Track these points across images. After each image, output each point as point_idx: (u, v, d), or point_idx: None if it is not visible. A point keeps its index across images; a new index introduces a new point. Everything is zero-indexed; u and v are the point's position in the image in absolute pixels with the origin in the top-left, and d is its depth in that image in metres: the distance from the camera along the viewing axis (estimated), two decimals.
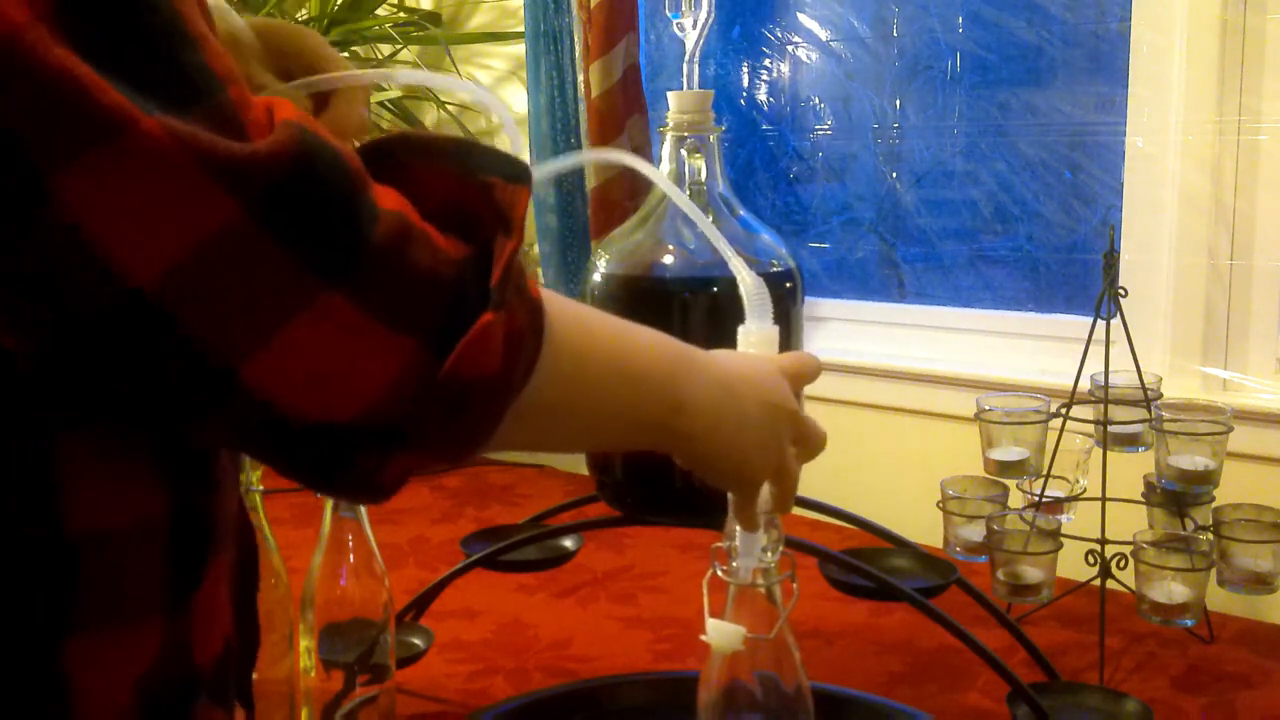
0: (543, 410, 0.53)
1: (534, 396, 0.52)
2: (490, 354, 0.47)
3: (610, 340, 0.58)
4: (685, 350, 0.62)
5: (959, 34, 1.76)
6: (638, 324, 0.61)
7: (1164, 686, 1.20)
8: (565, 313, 0.54)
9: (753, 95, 1.96)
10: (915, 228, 1.81)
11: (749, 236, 1.10)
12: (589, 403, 0.57)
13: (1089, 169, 1.65)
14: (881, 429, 1.75)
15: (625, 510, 1.13)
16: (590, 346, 0.56)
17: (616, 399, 0.59)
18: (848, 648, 1.29)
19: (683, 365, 0.61)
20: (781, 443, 0.67)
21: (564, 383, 0.54)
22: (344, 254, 0.44)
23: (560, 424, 0.57)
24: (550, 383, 0.52)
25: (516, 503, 1.84)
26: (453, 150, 0.51)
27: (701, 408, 0.61)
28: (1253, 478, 1.35)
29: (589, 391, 0.57)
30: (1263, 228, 1.47)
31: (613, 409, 0.59)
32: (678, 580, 1.49)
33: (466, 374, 0.47)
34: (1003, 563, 1.22)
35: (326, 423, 0.45)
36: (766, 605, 0.72)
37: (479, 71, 2.18)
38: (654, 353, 0.60)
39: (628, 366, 0.59)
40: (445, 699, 1.19)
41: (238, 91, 0.43)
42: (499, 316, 0.47)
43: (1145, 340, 1.31)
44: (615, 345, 0.58)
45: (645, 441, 0.63)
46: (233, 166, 0.41)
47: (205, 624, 0.53)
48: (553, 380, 0.53)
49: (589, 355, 0.56)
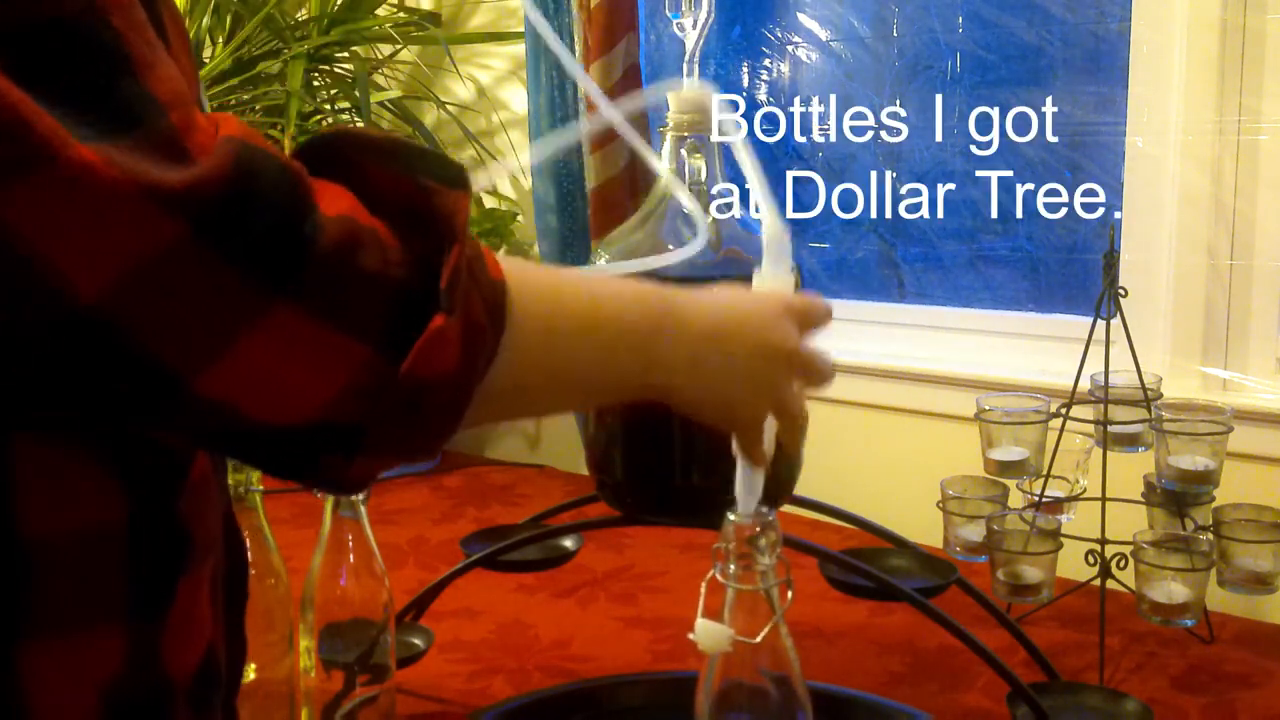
0: (512, 390, 0.54)
1: (501, 380, 0.52)
2: (445, 354, 0.48)
3: (581, 311, 0.58)
4: (665, 304, 0.62)
5: (959, 34, 1.76)
6: (620, 280, 0.61)
7: (1164, 686, 1.20)
8: (533, 289, 0.54)
9: (753, 95, 1.96)
10: (915, 228, 1.81)
11: (749, 236, 1.10)
12: (560, 375, 0.58)
13: (1089, 169, 1.65)
14: (881, 429, 1.75)
15: (625, 510, 1.13)
16: (559, 321, 0.56)
17: (588, 368, 0.59)
18: (848, 648, 1.29)
19: (662, 323, 0.61)
20: (776, 382, 0.67)
21: (532, 363, 0.54)
22: (290, 266, 0.44)
23: (533, 398, 0.58)
24: (517, 364, 0.53)
25: (516, 503, 1.84)
26: (398, 152, 0.51)
27: (678, 363, 0.62)
28: (1253, 478, 1.35)
29: (559, 366, 0.57)
30: (1263, 228, 1.46)
31: (585, 377, 0.59)
32: (678, 580, 1.49)
33: (423, 374, 0.47)
34: (1003, 563, 1.22)
35: (283, 426, 0.46)
36: (764, 607, 0.71)
37: (479, 71, 2.18)
38: (628, 316, 0.60)
39: (599, 335, 0.59)
40: (445, 699, 1.19)
41: (181, 115, 0.44)
42: (450, 320, 0.47)
43: (1145, 340, 1.31)
44: (586, 316, 0.58)
45: (629, 397, 0.63)
46: (171, 189, 0.41)
47: (181, 633, 0.53)
48: (519, 361, 0.53)
49: (558, 330, 0.56)
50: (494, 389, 0.52)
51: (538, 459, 2.15)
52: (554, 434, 2.13)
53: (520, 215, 2.09)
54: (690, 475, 1.10)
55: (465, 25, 2.21)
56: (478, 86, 2.19)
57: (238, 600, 0.62)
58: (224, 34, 2.07)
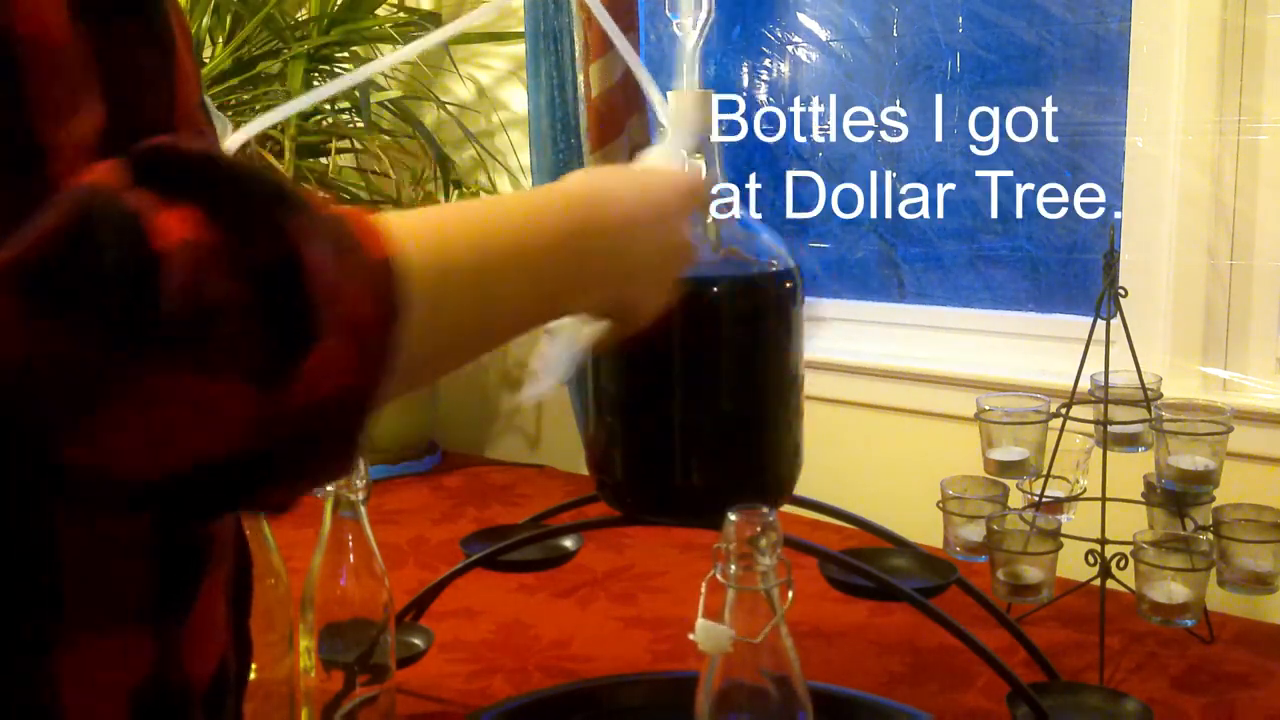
0: (418, 362, 0.50)
1: (405, 362, 0.49)
2: (335, 368, 0.44)
3: (477, 268, 0.55)
4: (562, 235, 0.59)
5: (959, 34, 1.76)
6: (508, 210, 0.59)
7: (1164, 686, 1.20)
8: (421, 257, 0.49)
9: (753, 95, 1.96)
10: (915, 228, 1.81)
11: (749, 236, 1.10)
12: (468, 335, 0.55)
13: (1089, 169, 1.65)
14: (881, 429, 1.75)
15: (625, 510, 1.13)
16: (456, 288, 0.53)
17: (495, 321, 0.57)
18: (848, 648, 1.29)
19: (561, 255, 0.59)
20: (673, 278, 0.68)
21: (435, 336, 0.52)
22: (139, 322, 0.40)
23: (442, 360, 0.55)
24: (419, 342, 0.49)
25: (516, 503, 1.84)
26: (237, 173, 0.46)
27: (588, 288, 0.61)
28: (1253, 478, 1.35)
29: (465, 328, 0.55)
30: (1263, 228, 1.46)
31: (495, 327, 0.57)
32: (678, 580, 1.49)
33: (316, 396, 0.44)
34: (1003, 563, 1.22)
35: (180, 476, 0.43)
36: (764, 608, 0.72)
37: (479, 71, 2.18)
38: (526, 260, 0.57)
39: (500, 288, 0.56)
40: (445, 699, 1.19)
41: None
42: (330, 335, 0.44)
43: (1145, 340, 1.31)
44: (483, 272, 0.55)
45: (539, 323, 0.62)
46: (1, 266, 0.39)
47: (201, 639, 0.53)
48: (421, 340, 0.49)
49: (455, 299, 0.53)
50: (407, 367, 0.48)
51: (538, 459, 2.15)
52: (554, 434, 2.13)
53: None
54: (690, 475, 1.10)
55: None
56: (478, 86, 2.19)
57: (244, 602, 0.61)
58: (224, 34, 2.07)
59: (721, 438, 1.09)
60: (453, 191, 2.08)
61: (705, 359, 1.07)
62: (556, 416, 2.12)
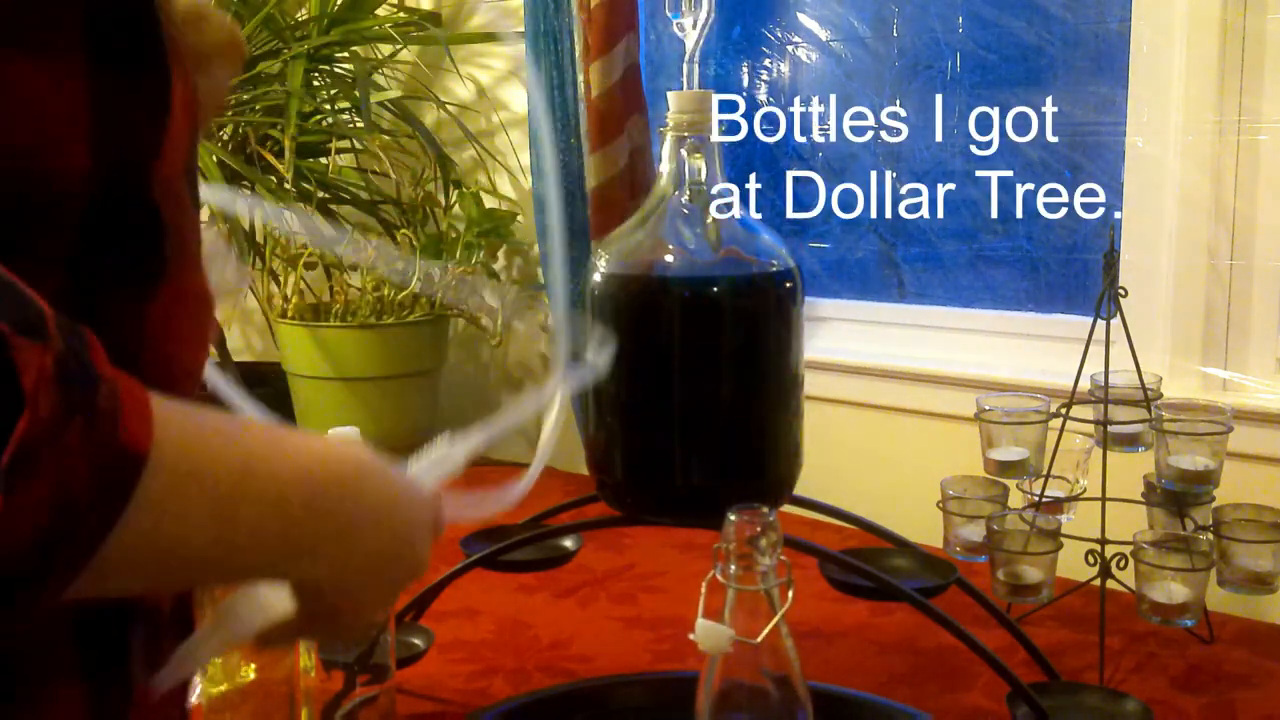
0: (125, 566, 0.44)
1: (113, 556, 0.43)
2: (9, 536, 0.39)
3: (226, 497, 0.47)
4: (318, 490, 0.52)
5: (959, 34, 1.76)
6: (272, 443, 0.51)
7: (1164, 686, 1.20)
8: (173, 463, 0.44)
9: (753, 95, 1.96)
10: (915, 228, 1.81)
11: (749, 236, 1.10)
12: (190, 553, 0.47)
13: (1089, 169, 1.65)
14: (881, 429, 1.75)
15: (625, 510, 1.13)
16: (194, 509, 0.46)
17: (209, 554, 0.48)
18: (848, 648, 1.29)
19: (313, 507, 0.52)
20: (397, 592, 0.61)
21: (158, 544, 0.45)
22: None
23: (147, 577, 0.48)
24: (136, 541, 0.43)
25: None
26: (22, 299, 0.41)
27: (316, 555, 0.52)
28: (1253, 478, 1.35)
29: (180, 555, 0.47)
30: (1263, 228, 1.46)
31: (208, 560, 0.48)
32: (678, 580, 1.49)
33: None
34: (1003, 563, 1.22)
35: None
36: (765, 608, 0.72)
37: (479, 71, 2.18)
38: (278, 503, 0.50)
39: (242, 521, 0.48)
40: (445, 699, 1.19)
41: None
42: (11, 499, 0.39)
43: (1145, 340, 1.31)
44: (228, 502, 0.47)
45: (247, 575, 0.54)
46: None
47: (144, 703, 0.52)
48: (139, 539, 0.43)
49: (190, 523, 0.46)
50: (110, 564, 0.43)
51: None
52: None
53: (520, 215, 2.09)
54: (690, 475, 1.10)
55: (465, 25, 2.21)
56: (478, 86, 2.19)
57: (188, 621, 0.59)
58: None
59: (721, 437, 1.09)
60: (453, 191, 2.08)
61: (705, 359, 1.07)
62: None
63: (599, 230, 1.78)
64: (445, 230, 2.07)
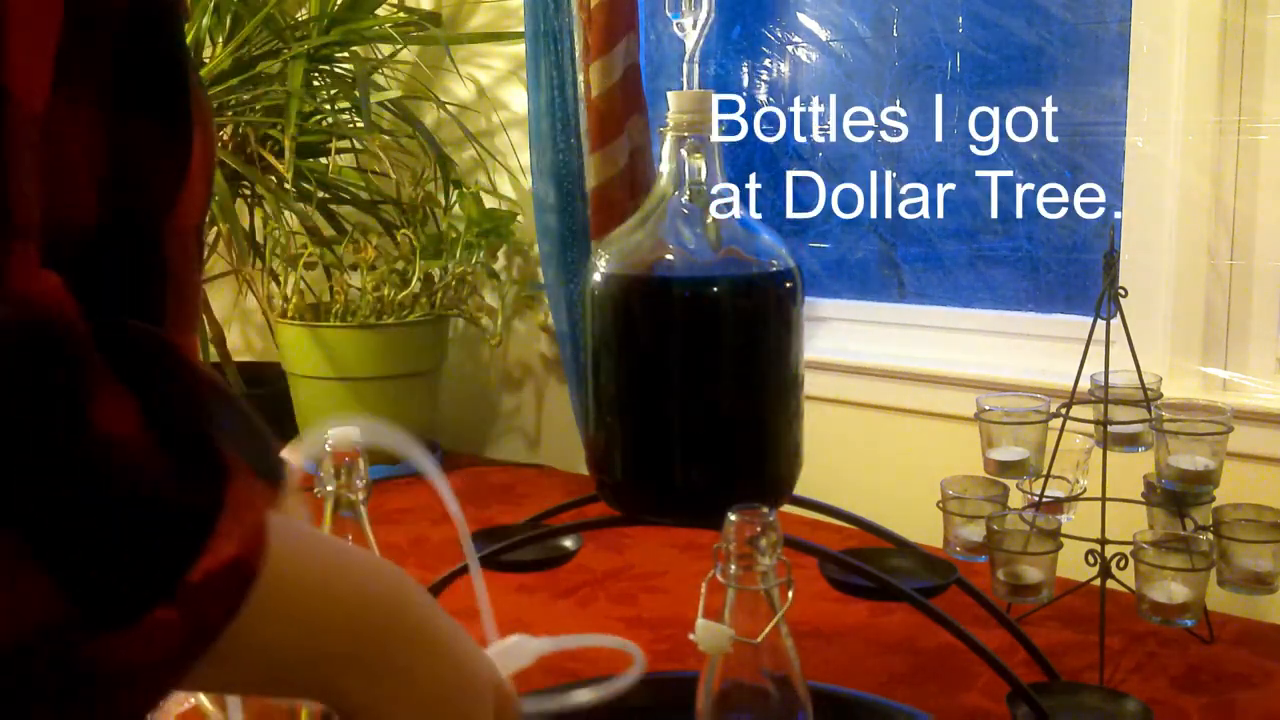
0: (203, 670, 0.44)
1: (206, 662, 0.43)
2: (151, 650, 0.39)
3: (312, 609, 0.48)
4: (385, 619, 0.53)
5: (959, 34, 1.76)
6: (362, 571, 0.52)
7: (1164, 686, 1.20)
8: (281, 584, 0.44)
9: (753, 95, 1.96)
10: (915, 228, 1.81)
11: (749, 236, 1.10)
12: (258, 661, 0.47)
13: (1089, 169, 1.65)
14: (881, 429, 1.75)
15: (625, 510, 1.13)
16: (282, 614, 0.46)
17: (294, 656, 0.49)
18: (848, 648, 1.29)
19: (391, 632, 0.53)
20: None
21: (252, 648, 0.45)
22: (26, 480, 0.36)
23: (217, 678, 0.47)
24: (232, 652, 0.43)
25: (516, 503, 1.84)
26: (228, 408, 0.42)
27: (386, 676, 0.53)
28: (1253, 478, 1.35)
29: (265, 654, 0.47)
30: (1263, 228, 1.47)
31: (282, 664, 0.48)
32: (678, 580, 1.49)
33: (114, 656, 0.38)
34: (1003, 563, 1.22)
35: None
36: (765, 608, 0.72)
37: (479, 71, 2.18)
38: (345, 617, 0.50)
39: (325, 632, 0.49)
40: None
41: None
42: (176, 615, 0.39)
43: (1145, 340, 1.31)
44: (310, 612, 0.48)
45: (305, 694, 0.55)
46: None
47: None
48: (237, 650, 0.43)
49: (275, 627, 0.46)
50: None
51: (538, 459, 2.15)
52: (554, 434, 2.13)
53: (520, 215, 2.09)
54: (690, 475, 1.10)
55: (465, 25, 2.21)
56: (478, 86, 2.19)
57: None
58: (224, 34, 2.07)
59: (721, 437, 1.09)
60: (453, 191, 2.08)
61: (705, 359, 1.07)
62: (556, 416, 2.12)
63: (599, 230, 1.78)
64: (445, 230, 2.07)
